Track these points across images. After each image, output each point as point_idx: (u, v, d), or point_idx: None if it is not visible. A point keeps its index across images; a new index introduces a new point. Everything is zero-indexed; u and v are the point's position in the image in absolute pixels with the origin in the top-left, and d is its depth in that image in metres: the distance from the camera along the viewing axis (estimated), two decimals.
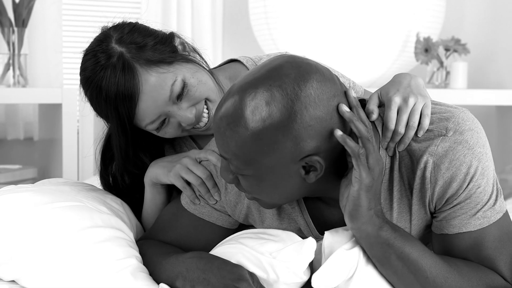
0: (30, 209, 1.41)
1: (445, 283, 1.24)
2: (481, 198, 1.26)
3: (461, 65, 3.06)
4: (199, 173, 1.45)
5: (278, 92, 1.15)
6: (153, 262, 1.40)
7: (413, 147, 1.27)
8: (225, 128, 1.19)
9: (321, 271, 1.24)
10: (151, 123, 1.49)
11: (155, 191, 1.59)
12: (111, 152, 1.62)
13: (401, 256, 1.24)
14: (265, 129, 1.16)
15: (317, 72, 1.18)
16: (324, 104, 1.17)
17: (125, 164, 1.59)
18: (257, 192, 1.25)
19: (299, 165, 1.19)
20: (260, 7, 3.02)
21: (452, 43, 3.09)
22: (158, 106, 1.47)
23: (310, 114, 1.15)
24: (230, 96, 1.19)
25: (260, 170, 1.20)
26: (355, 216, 1.22)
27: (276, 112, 1.15)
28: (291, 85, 1.16)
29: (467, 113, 1.28)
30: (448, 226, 1.29)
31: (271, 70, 1.18)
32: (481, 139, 1.26)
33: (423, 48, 3.05)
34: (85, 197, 1.51)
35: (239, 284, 1.25)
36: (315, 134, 1.16)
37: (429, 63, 3.05)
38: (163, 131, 1.52)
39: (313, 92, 1.16)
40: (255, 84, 1.17)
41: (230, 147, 1.19)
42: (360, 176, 1.19)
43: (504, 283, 1.28)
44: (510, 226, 1.30)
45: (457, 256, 1.29)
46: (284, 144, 1.16)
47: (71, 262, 1.34)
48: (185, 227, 1.47)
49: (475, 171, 1.25)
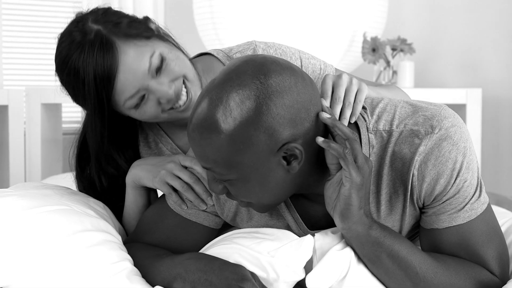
0: (18, 214, 1.37)
1: (435, 278, 1.26)
2: (468, 192, 1.29)
3: (408, 64, 3.09)
4: (186, 179, 1.44)
5: (240, 90, 1.17)
6: (145, 265, 1.38)
7: (403, 150, 1.28)
8: (199, 138, 1.19)
9: (315, 272, 1.25)
10: (130, 97, 1.46)
11: (137, 193, 1.57)
12: (87, 153, 1.59)
13: (391, 254, 1.26)
14: (237, 128, 1.16)
15: (272, 63, 1.20)
16: (287, 91, 1.18)
17: (101, 163, 1.56)
18: (247, 195, 1.25)
19: (279, 156, 1.20)
20: (206, 6, 2.99)
21: (399, 42, 3.11)
22: (137, 79, 1.44)
23: (276, 103, 1.16)
24: (198, 106, 1.20)
25: (243, 170, 1.20)
26: (346, 215, 1.23)
27: (244, 110, 1.16)
28: (251, 80, 1.17)
29: (447, 110, 1.31)
30: (437, 220, 1.31)
31: (229, 73, 1.20)
32: (464, 134, 1.29)
33: (371, 48, 3.06)
34: (70, 200, 1.49)
35: (243, 284, 1.25)
36: (286, 122, 1.17)
37: (376, 63, 3.07)
38: (142, 109, 1.48)
39: (273, 82, 1.17)
40: (217, 90, 1.19)
41: (208, 155, 1.20)
42: (350, 176, 1.20)
43: (491, 277, 1.31)
44: (494, 220, 1.33)
45: (446, 251, 1.31)
46: (258, 138, 1.17)
47: (65, 267, 1.31)
48: (172, 228, 1.46)
49: (460, 166, 1.27)
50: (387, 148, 1.29)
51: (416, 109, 1.31)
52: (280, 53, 1.60)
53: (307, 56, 1.63)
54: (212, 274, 1.27)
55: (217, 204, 1.43)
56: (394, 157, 1.29)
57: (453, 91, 3.02)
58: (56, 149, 3.15)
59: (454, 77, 3.38)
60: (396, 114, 1.31)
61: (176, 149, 1.64)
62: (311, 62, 1.62)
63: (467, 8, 3.36)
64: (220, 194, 1.27)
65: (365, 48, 3.09)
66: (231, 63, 1.22)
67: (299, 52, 1.62)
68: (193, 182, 1.43)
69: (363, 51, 3.10)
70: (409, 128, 1.29)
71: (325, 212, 1.31)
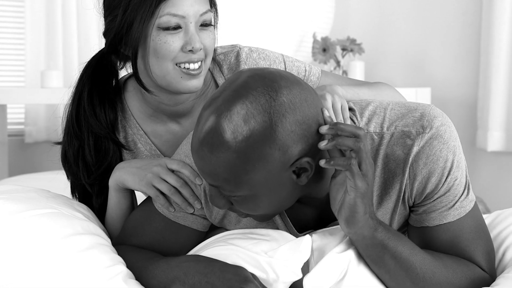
0: (6, 218, 1.34)
1: (433, 278, 1.28)
2: (458, 190, 1.31)
3: (358, 64, 3.11)
4: (173, 182, 1.43)
5: (252, 107, 1.16)
6: (137, 268, 1.36)
7: (396, 152, 1.30)
8: (209, 157, 1.18)
9: (313, 274, 1.25)
10: (174, 15, 1.47)
11: (121, 195, 1.54)
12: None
13: (394, 255, 1.27)
14: (250, 146, 1.16)
15: (282, 79, 1.19)
16: (298, 107, 1.17)
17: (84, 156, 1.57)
18: (253, 209, 1.25)
19: (290, 171, 1.20)
20: None
21: (348, 42, 3.13)
22: (191, 9, 1.48)
23: (289, 120, 1.16)
24: (205, 122, 1.18)
25: (253, 187, 1.20)
26: (352, 222, 1.23)
27: (257, 127, 1.15)
28: (263, 97, 1.16)
29: (435, 109, 1.33)
30: (428, 218, 1.33)
31: (238, 88, 1.18)
32: (453, 133, 1.31)
33: (321, 48, 3.07)
34: (57, 203, 1.45)
35: (246, 286, 1.24)
36: (299, 138, 1.17)
37: (327, 62, 3.08)
38: (171, 36, 1.48)
39: (285, 99, 1.17)
40: (227, 106, 1.17)
41: (219, 174, 1.18)
42: (355, 186, 1.20)
43: (483, 273, 1.33)
44: (481, 217, 1.36)
45: (436, 248, 1.33)
46: (272, 156, 1.17)
47: (60, 272, 1.28)
48: (160, 231, 1.44)
49: (451, 164, 1.29)
50: (379, 151, 1.31)
51: (405, 111, 1.32)
52: (264, 57, 1.61)
53: (290, 59, 1.65)
54: (214, 277, 1.26)
55: (205, 207, 1.42)
56: (387, 159, 1.30)
57: (403, 91, 3.04)
58: (1, 151, 3.08)
59: (403, 76, 3.42)
60: (386, 117, 1.32)
61: (155, 150, 1.63)
62: (295, 64, 1.64)
63: (415, 8, 3.40)
64: (223, 208, 1.26)
65: (316, 48, 3.09)
66: (235, 77, 1.21)
67: (283, 56, 1.63)
68: (180, 186, 1.42)
69: (313, 51, 3.11)
70: (400, 130, 1.30)
71: (315, 215, 1.32)
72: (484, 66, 3.11)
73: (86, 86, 1.60)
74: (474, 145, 3.24)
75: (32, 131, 3.31)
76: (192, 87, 1.52)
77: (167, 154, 1.63)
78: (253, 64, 1.60)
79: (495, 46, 3.05)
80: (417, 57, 3.39)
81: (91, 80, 1.60)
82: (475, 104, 3.25)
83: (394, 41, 3.44)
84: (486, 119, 3.11)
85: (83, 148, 1.59)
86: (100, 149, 1.60)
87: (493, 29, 3.05)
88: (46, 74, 2.99)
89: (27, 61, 3.23)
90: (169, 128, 1.63)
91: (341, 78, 1.67)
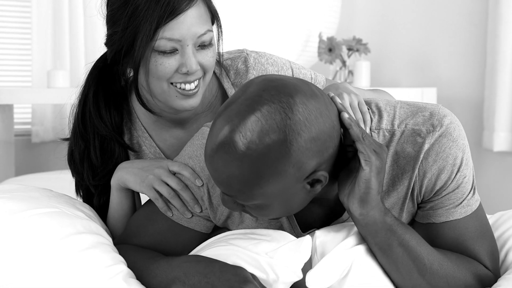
0: (8, 217, 1.34)
1: (440, 270, 1.29)
2: (466, 188, 1.33)
3: (364, 64, 3.11)
4: (173, 185, 1.43)
5: (267, 124, 1.15)
6: (138, 267, 1.37)
7: (407, 149, 1.31)
8: (222, 169, 1.18)
9: (316, 270, 1.25)
10: (170, 39, 1.46)
11: (123, 195, 1.55)
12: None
13: (402, 243, 1.27)
14: (265, 163, 1.15)
15: (297, 93, 1.17)
16: (314, 123, 1.17)
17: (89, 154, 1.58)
18: (266, 215, 1.26)
19: (304, 182, 1.20)
20: None
21: (354, 42, 3.13)
22: (188, 32, 1.47)
23: (305, 138, 1.16)
24: (218, 133, 1.17)
25: (267, 198, 1.20)
26: (366, 200, 1.23)
27: (271, 145, 1.15)
28: (278, 115, 1.15)
29: (444, 108, 1.34)
30: (435, 215, 1.34)
31: (251, 103, 1.16)
32: (462, 132, 1.33)
33: (327, 48, 3.07)
34: (58, 202, 1.46)
35: (246, 286, 1.24)
36: (314, 154, 1.17)
37: (333, 63, 3.08)
38: (167, 58, 1.48)
39: (301, 116, 1.16)
40: (240, 119, 1.16)
41: (233, 186, 1.19)
42: (369, 158, 1.21)
43: (487, 271, 1.35)
44: (485, 217, 1.38)
45: (441, 245, 1.34)
46: (287, 172, 1.17)
47: (60, 271, 1.29)
48: (162, 232, 1.45)
49: (460, 162, 1.31)
50: (389, 148, 1.32)
51: (415, 109, 1.34)
52: (272, 63, 1.61)
53: (297, 66, 1.66)
54: (213, 277, 1.27)
55: (209, 209, 1.42)
56: (397, 156, 1.32)
57: (409, 91, 3.05)
58: (8, 151, 3.09)
59: (409, 76, 3.41)
60: (396, 114, 1.34)
61: (159, 154, 1.63)
62: (301, 72, 1.64)
63: (421, 8, 3.39)
64: (235, 211, 1.27)
65: (321, 48, 3.09)
66: (246, 87, 1.20)
67: (290, 63, 1.64)
68: (180, 189, 1.42)
69: (319, 51, 3.11)
70: (410, 128, 1.32)
71: (322, 214, 1.33)
72: (490, 66, 3.10)
73: (92, 88, 1.60)
74: (480, 145, 3.23)
75: (39, 131, 3.32)
76: (188, 106, 1.52)
77: (172, 157, 1.63)
78: (262, 69, 1.60)
79: (501, 46, 3.04)
80: (423, 57, 3.38)
81: (96, 81, 1.61)
82: (481, 105, 3.24)
83: (400, 41, 3.44)
84: (492, 119, 3.10)
85: (89, 149, 1.59)
86: (105, 150, 1.60)
87: (499, 29, 3.04)
88: (53, 74, 3.00)
89: (34, 61, 3.24)
90: (174, 133, 1.64)
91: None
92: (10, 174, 3.09)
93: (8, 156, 3.08)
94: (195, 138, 1.43)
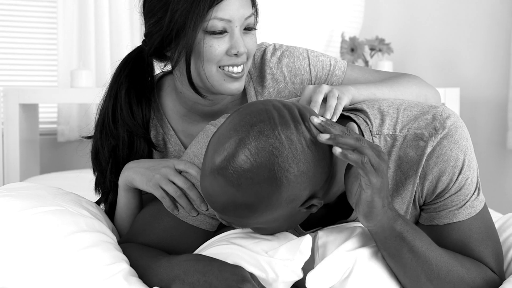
0: (13, 215, 1.36)
1: (448, 276, 1.28)
2: (469, 190, 1.32)
3: (386, 64, 3.10)
4: (180, 184, 1.44)
5: (256, 163, 1.15)
6: (141, 266, 1.38)
7: (409, 154, 1.31)
8: (216, 199, 1.19)
9: (317, 271, 1.25)
10: (221, 19, 1.50)
11: (130, 195, 1.56)
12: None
13: (412, 249, 1.26)
14: (257, 199, 1.16)
15: (283, 126, 1.16)
16: (300, 155, 1.16)
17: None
18: (266, 233, 1.30)
19: (300, 208, 1.21)
20: None
21: (377, 42, 3.12)
22: (237, 14, 1.50)
23: (294, 173, 1.16)
24: (211, 160, 1.18)
25: (264, 224, 1.23)
26: (371, 217, 1.23)
27: (262, 183, 1.15)
28: (266, 154, 1.15)
29: (447, 109, 1.33)
30: (438, 217, 1.33)
31: (241, 139, 1.16)
32: (464, 133, 1.31)
33: (349, 48, 3.06)
34: (64, 200, 1.47)
35: (243, 285, 1.24)
36: (306, 186, 1.18)
37: (355, 62, 3.07)
38: (216, 40, 1.51)
39: (288, 153, 1.15)
40: (231, 154, 1.16)
41: (228, 213, 1.20)
42: (370, 182, 1.18)
43: (494, 275, 1.34)
44: (490, 218, 1.36)
45: (446, 248, 1.32)
46: (280, 204, 1.18)
47: (62, 269, 1.30)
48: (168, 230, 1.45)
49: (462, 163, 1.30)
50: (391, 153, 1.31)
51: (418, 113, 1.33)
52: (288, 55, 1.62)
53: (315, 54, 1.64)
54: (212, 276, 1.27)
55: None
56: (400, 161, 1.31)
57: None
58: (33, 149, 3.13)
59: (432, 76, 3.39)
60: (399, 118, 1.33)
61: (183, 152, 1.64)
62: (319, 59, 1.63)
63: (444, 8, 3.37)
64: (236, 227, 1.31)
65: (344, 48, 3.09)
66: (235, 118, 1.19)
67: (307, 51, 1.64)
68: (187, 188, 1.43)
69: (341, 50, 3.10)
70: (412, 132, 1.31)
71: (323, 214, 1.33)
72: None
73: (124, 85, 1.62)
74: (504, 146, 3.20)
75: (65, 130, 3.36)
76: (235, 89, 1.55)
77: None
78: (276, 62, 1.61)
79: None
80: (446, 57, 3.36)
81: (128, 79, 1.62)
82: (506, 105, 3.21)
83: (423, 41, 3.42)
84: None
85: (118, 146, 1.61)
86: (132, 147, 1.61)
87: None
88: (76, 73, 3.03)
89: (60, 61, 3.28)
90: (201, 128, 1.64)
91: (367, 70, 1.66)
92: (35, 172, 3.13)
93: (33, 154, 3.12)
94: (200, 136, 1.44)
